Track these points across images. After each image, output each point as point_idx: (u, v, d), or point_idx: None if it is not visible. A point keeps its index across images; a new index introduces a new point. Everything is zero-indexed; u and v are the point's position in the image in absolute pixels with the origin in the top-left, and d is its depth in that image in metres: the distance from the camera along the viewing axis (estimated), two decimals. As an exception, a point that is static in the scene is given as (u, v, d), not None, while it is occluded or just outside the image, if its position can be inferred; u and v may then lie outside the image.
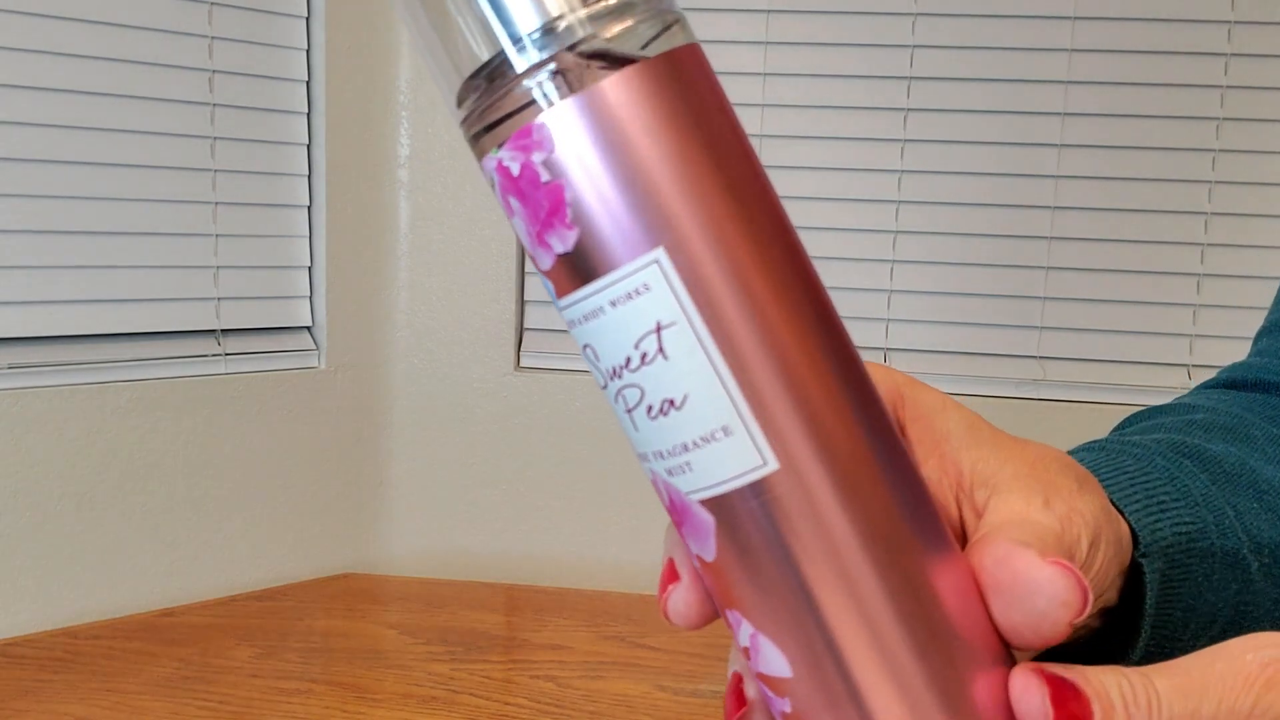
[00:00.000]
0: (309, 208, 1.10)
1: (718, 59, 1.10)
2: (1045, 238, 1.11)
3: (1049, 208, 1.10)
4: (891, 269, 1.12)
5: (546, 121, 0.22)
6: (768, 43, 1.11)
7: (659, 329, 0.22)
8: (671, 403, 0.22)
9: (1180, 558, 0.33)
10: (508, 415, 1.17)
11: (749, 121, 1.14)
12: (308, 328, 1.12)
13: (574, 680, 0.87)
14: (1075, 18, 1.07)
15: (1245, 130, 1.08)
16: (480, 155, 0.23)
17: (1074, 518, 0.27)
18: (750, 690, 0.26)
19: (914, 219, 1.12)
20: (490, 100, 0.22)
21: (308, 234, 1.10)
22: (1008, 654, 0.25)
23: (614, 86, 0.21)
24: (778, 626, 0.23)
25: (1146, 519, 0.33)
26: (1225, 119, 1.08)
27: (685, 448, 0.23)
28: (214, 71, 1.02)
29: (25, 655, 0.89)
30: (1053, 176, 1.10)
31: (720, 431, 0.22)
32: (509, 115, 0.22)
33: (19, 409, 0.93)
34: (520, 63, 0.22)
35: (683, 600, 0.26)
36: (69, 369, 0.96)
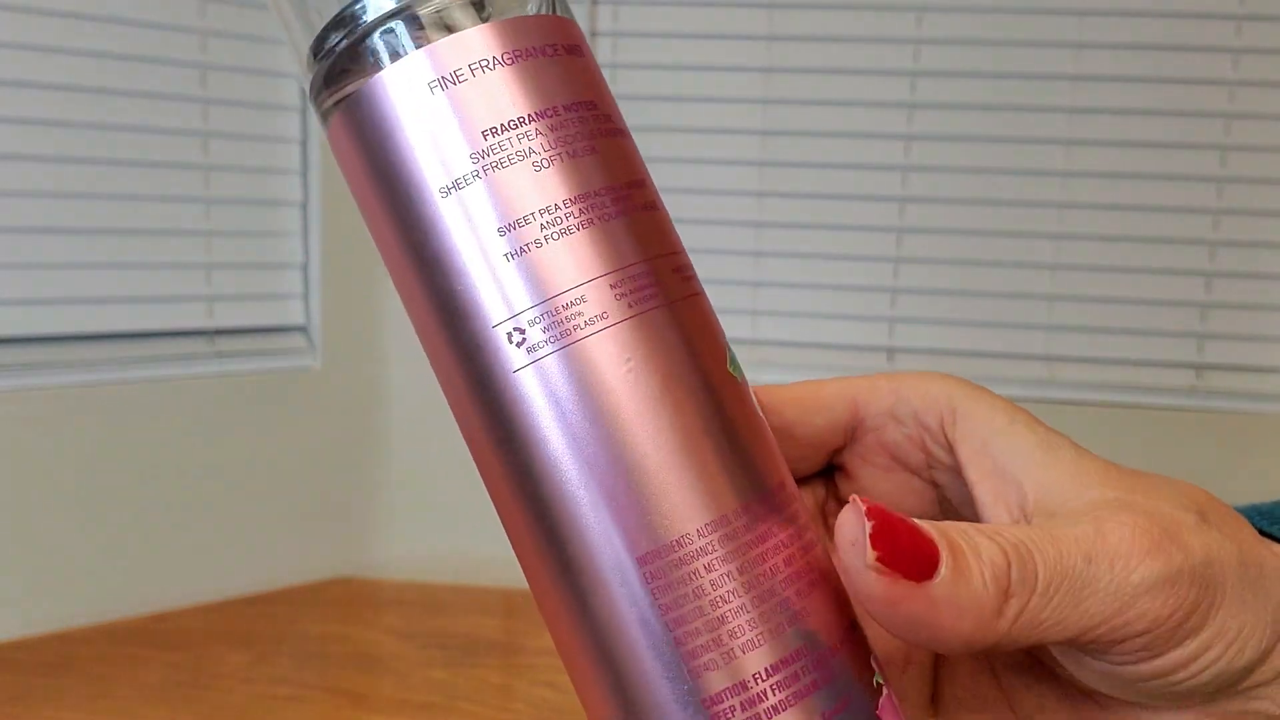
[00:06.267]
0: (303, 205, 1.09)
1: (717, 52, 1.07)
2: (1052, 236, 1.09)
3: (1055, 205, 1.09)
4: (895, 267, 1.11)
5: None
6: (770, 38, 1.10)
7: None
8: None
9: None
10: (506, 416, 1.15)
11: (749, 119, 1.13)
12: (302, 327, 1.11)
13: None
14: (1082, 13, 1.06)
15: (1254, 126, 1.06)
16: None
17: (1151, 541, 0.21)
18: None
19: (918, 216, 1.11)
20: None
21: (302, 231, 1.09)
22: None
23: (335, 127, 0.22)
24: None
25: None
26: (1234, 114, 1.06)
27: None
28: (207, 67, 1.01)
29: (15, 660, 0.88)
30: (1059, 174, 1.09)
31: None
32: None
33: (7, 410, 0.92)
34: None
35: None
36: (58, 369, 0.95)
